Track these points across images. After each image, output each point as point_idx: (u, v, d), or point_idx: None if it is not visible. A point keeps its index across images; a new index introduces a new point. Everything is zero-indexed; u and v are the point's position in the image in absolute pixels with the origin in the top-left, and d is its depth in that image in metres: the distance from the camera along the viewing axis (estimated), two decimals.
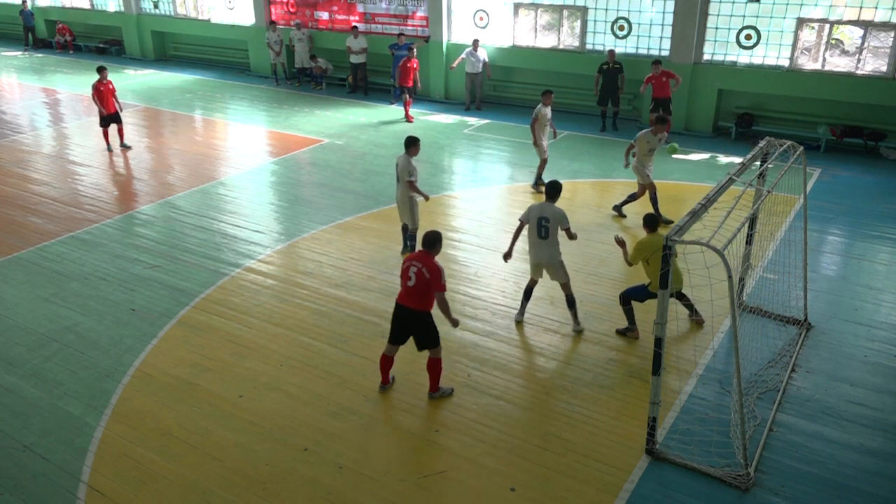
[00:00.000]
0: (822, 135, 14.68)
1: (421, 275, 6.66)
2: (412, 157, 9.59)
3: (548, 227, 7.83)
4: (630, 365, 7.53)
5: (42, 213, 11.81)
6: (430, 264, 6.67)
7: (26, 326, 8.44)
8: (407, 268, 6.78)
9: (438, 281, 6.66)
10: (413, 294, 6.75)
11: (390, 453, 6.36)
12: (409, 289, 6.77)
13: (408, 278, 6.76)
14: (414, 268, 6.72)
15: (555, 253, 7.97)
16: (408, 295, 6.80)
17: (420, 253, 6.82)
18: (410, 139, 9.63)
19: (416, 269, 6.70)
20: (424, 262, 6.69)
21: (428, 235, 6.83)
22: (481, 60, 17.57)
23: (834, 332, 8.13)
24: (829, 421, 6.69)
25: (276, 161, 14.50)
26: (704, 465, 6.08)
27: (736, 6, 14.98)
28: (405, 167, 9.56)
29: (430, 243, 6.79)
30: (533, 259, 8.13)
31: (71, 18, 27.34)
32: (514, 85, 18.50)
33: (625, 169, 11.52)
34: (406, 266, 6.80)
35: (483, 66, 17.64)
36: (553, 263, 8.01)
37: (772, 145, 7.49)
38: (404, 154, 9.63)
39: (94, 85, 14.58)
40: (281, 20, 21.51)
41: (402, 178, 9.63)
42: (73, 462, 6.31)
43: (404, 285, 6.82)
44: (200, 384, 7.32)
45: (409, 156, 9.58)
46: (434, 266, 6.66)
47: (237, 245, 10.53)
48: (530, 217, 7.94)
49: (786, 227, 10.42)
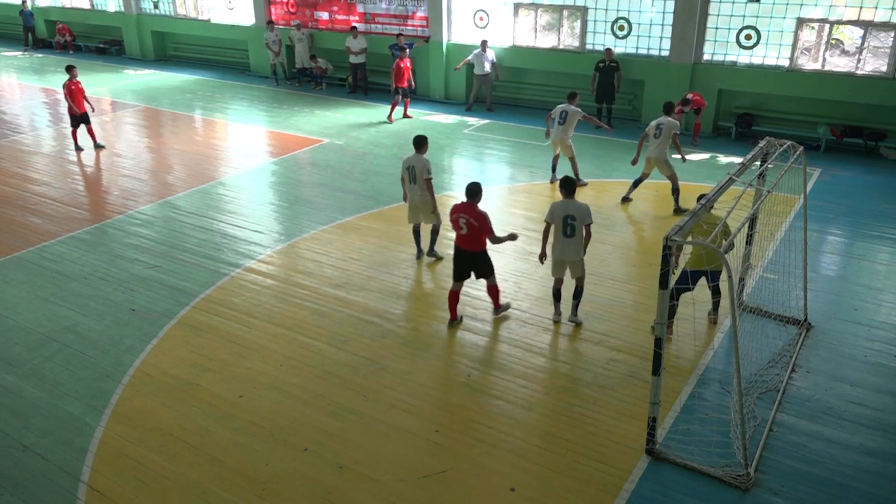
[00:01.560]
0: (822, 135, 14.69)
1: (470, 223, 7.82)
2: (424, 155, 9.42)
3: (574, 225, 7.94)
4: (630, 365, 7.53)
5: (42, 214, 11.81)
6: (475, 213, 7.81)
7: (26, 326, 8.44)
8: (456, 219, 7.92)
9: (485, 225, 7.81)
10: (467, 239, 7.94)
11: (390, 453, 6.36)
12: (462, 236, 7.96)
13: (459, 227, 7.92)
14: (462, 218, 7.85)
15: (579, 249, 8.09)
16: (463, 241, 7.98)
17: (464, 204, 7.92)
18: (422, 138, 9.45)
19: (465, 219, 7.84)
20: (470, 212, 7.83)
21: (471, 187, 7.91)
22: (490, 61, 17.47)
23: (834, 332, 8.13)
24: (829, 421, 6.69)
25: (276, 161, 14.51)
26: (704, 465, 6.08)
27: (736, 6, 14.99)
28: (423, 166, 9.32)
29: (473, 194, 7.90)
30: (558, 256, 8.17)
31: (71, 18, 27.35)
32: (513, 85, 18.49)
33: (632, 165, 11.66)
34: (455, 217, 7.93)
35: (492, 66, 17.54)
36: (577, 259, 8.14)
37: (772, 145, 7.49)
38: (416, 154, 9.39)
39: (66, 84, 14.57)
40: (281, 20, 21.52)
41: (420, 177, 9.32)
42: (73, 462, 6.31)
43: (458, 233, 7.96)
44: (200, 384, 7.32)
45: (422, 154, 9.41)
46: (479, 213, 7.80)
47: (237, 245, 10.53)
48: (555, 216, 8.01)
49: (786, 227, 10.42)
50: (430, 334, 8.19)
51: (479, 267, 8.12)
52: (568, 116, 12.21)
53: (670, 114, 11.39)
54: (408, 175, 9.47)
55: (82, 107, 14.77)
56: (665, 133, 11.16)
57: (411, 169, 9.40)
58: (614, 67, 15.83)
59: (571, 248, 8.05)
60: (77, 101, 14.65)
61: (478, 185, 7.94)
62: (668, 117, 11.28)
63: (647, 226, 11.28)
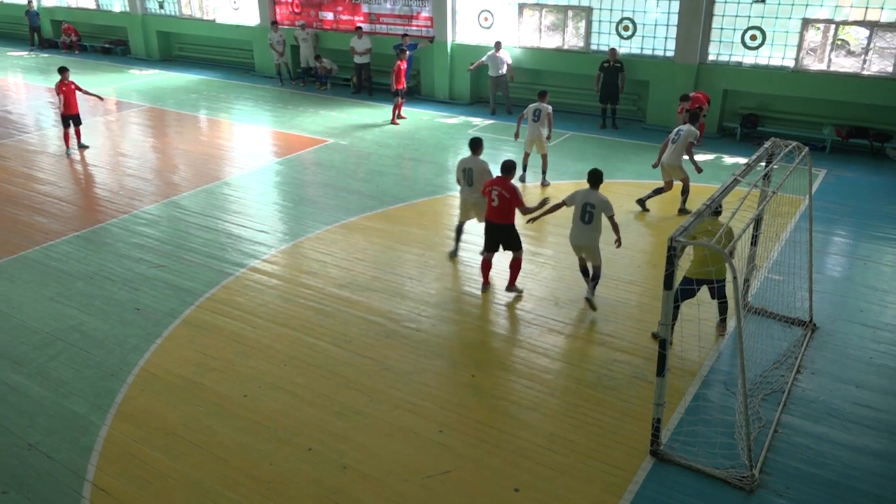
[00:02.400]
0: (828, 135, 14.65)
1: (502, 196, 8.40)
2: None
3: (592, 213, 8.24)
4: (634, 366, 7.52)
5: (47, 213, 11.84)
6: (507, 186, 8.41)
7: (32, 325, 8.46)
8: (489, 191, 8.50)
9: (517, 198, 8.43)
10: (498, 212, 8.52)
11: (394, 453, 6.36)
12: (494, 208, 8.53)
13: (492, 200, 8.49)
14: (495, 191, 8.45)
15: (595, 237, 8.39)
16: (494, 213, 8.55)
17: (498, 178, 8.54)
18: (478, 140, 9.42)
19: (497, 191, 8.44)
20: (503, 185, 8.43)
21: (506, 163, 8.54)
22: (505, 63, 17.36)
23: (839, 333, 8.11)
24: (835, 423, 6.67)
25: (281, 161, 14.52)
26: (709, 466, 6.07)
27: (741, 7, 14.96)
28: (483, 170, 9.24)
29: (507, 169, 8.52)
30: (573, 241, 8.54)
31: (76, 18, 27.43)
32: (519, 86, 18.45)
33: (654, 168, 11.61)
34: (488, 190, 8.53)
35: (507, 68, 17.42)
36: (592, 247, 8.43)
37: (777, 146, 7.47)
38: (473, 156, 9.38)
39: (58, 85, 14.53)
40: (286, 20, 21.54)
41: (478, 180, 9.19)
42: (78, 461, 6.33)
43: (490, 206, 8.56)
44: (205, 384, 7.34)
45: (478, 156, 9.40)
46: (511, 187, 8.42)
47: (242, 245, 10.55)
48: (576, 201, 8.33)
49: (791, 228, 10.39)
50: (435, 335, 8.19)
51: (507, 240, 8.69)
52: (541, 114, 12.38)
53: (694, 123, 11.32)
54: (464, 177, 9.42)
55: (75, 107, 14.76)
56: (682, 140, 11.09)
57: (467, 171, 9.36)
58: (618, 68, 15.81)
59: (586, 235, 8.36)
60: (71, 102, 14.62)
61: (512, 161, 8.60)
62: (690, 125, 11.22)
63: (652, 227, 11.26)
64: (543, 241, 10.21)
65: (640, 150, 14.84)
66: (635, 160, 14.20)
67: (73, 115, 14.82)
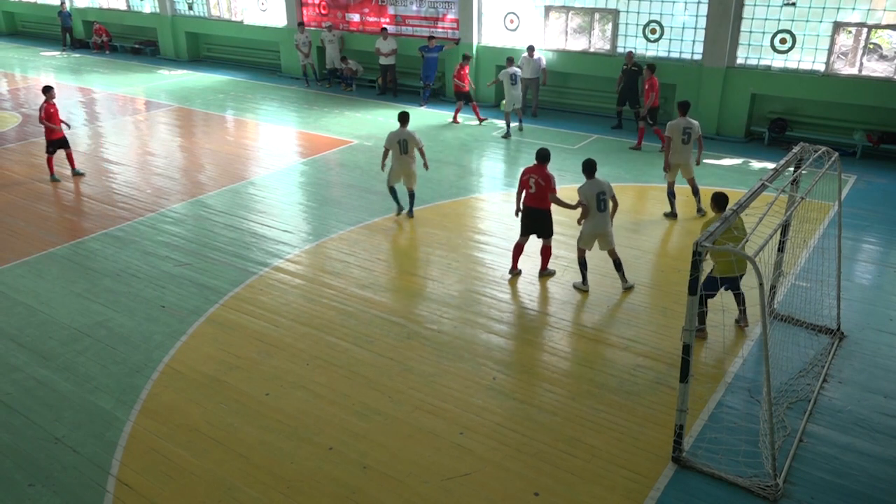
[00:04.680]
0: (859, 141, 14.41)
1: (538, 183, 8.94)
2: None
3: (605, 200, 8.79)
4: (657, 371, 7.46)
5: (77, 210, 12.03)
6: (544, 174, 8.98)
7: (60, 321, 8.60)
8: (526, 179, 9.02)
9: (550, 185, 8.97)
10: (535, 198, 9.04)
11: (414, 455, 6.36)
12: (532, 195, 9.04)
13: (528, 187, 9.02)
14: (532, 178, 8.99)
15: (610, 222, 8.93)
16: (533, 199, 9.05)
17: (535, 166, 9.04)
18: (406, 113, 11.19)
19: (535, 179, 8.97)
20: (539, 173, 8.98)
21: (541, 152, 9.05)
22: (540, 66, 17.21)
23: (868, 342, 7.97)
24: (862, 433, 6.55)
25: (306, 162, 14.62)
26: (732, 474, 5.99)
27: (771, 10, 14.77)
28: (414, 137, 11.03)
29: (544, 158, 9.04)
30: (592, 230, 8.88)
31: (107, 19, 27.86)
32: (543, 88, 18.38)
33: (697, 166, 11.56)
34: (525, 178, 9.03)
35: (542, 72, 17.30)
36: (609, 231, 8.92)
37: (806, 151, 7.36)
38: (403, 128, 10.99)
39: (43, 106, 13.27)
40: (312, 22, 21.69)
41: (411, 147, 10.99)
42: (103, 455, 6.42)
43: (527, 193, 9.06)
44: (228, 381, 7.40)
45: (406, 128, 11.02)
46: (546, 174, 8.99)
47: (266, 244, 10.63)
48: (589, 195, 8.75)
49: (819, 235, 10.24)
50: (456, 336, 8.19)
51: (542, 225, 9.18)
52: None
53: (687, 113, 11.26)
54: (399, 146, 10.96)
55: (61, 131, 13.51)
56: (694, 136, 11.08)
57: (403, 142, 10.96)
58: (636, 72, 15.63)
59: (604, 221, 8.84)
60: (55, 124, 13.38)
61: (547, 150, 9.14)
62: (690, 119, 11.19)
63: (676, 231, 11.16)
64: (565, 244, 10.15)
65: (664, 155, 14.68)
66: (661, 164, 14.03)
67: (61, 139, 13.51)
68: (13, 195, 12.76)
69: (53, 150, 13.53)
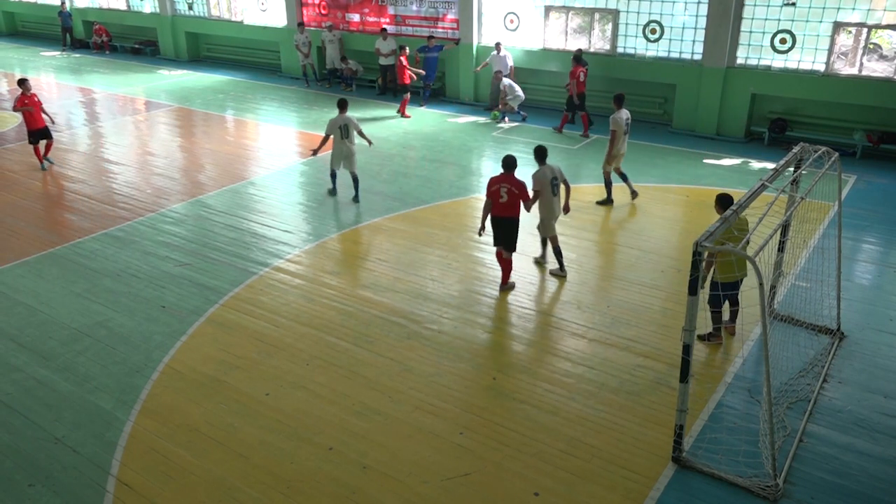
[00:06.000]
0: (858, 141, 14.41)
1: (511, 191, 8.69)
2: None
3: (558, 185, 9.11)
4: (657, 371, 7.46)
5: (77, 210, 12.03)
6: (515, 182, 8.70)
7: (60, 321, 8.61)
8: (497, 189, 8.70)
9: (524, 192, 8.73)
10: (506, 207, 8.77)
11: (414, 455, 6.36)
12: (502, 205, 8.76)
13: (500, 196, 8.72)
14: (504, 188, 8.68)
15: (559, 206, 9.26)
16: (502, 208, 8.79)
17: (503, 175, 8.75)
18: (345, 100, 12.00)
19: (507, 188, 8.67)
20: (510, 181, 8.70)
21: (508, 159, 8.78)
22: (507, 64, 17.41)
23: (867, 342, 7.97)
24: (862, 433, 6.55)
25: (306, 162, 14.61)
26: (732, 474, 5.99)
27: (771, 10, 14.77)
28: (354, 122, 11.87)
29: (511, 166, 8.77)
30: (550, 216, 9.19)
31: (107, 19, 27.87)
32: (543, 88, 18.40)
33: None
34: (496, 188, 8.71)
35: (509, 69, 17.46)
36: (557, 216, 9.29)
37: (806, 151, 7.36)
38: (343, 114, 11.83)
39: (19, 98, 13.60)
40: (313, 22, 21.69)
41: (352, 132, 11.83)
42: (103, 455, 6.42)
43: (497, 203, 8.76)
44: (228, 381, 7.41)
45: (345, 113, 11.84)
46: (519, 182, 8.73)
47: (266, 244, 10.63)
48: (544, 182, 8.98)
49: (819, 235, 10.24)
50: (457, 336, 8.19)
51: (509, 235, 8.93)
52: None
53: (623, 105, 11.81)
54: (340, 132, 11.78)
55: (41, 121, 13.87)
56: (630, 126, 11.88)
57: (344, 127, 11.75)
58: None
59: (559, 206, 9.25)
60: (36, 116, 13.74)
61: (514, 157, 8.88)
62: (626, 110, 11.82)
63: (676, 231, 11.16)
64: (566, 244, 10.15)
65: (665, 154, 14.72)
66: (661, 164, 14.08)
67: (41, 130, 13.93)
68: (13, 195, 12.76)
69: (35, 141, 14.08)
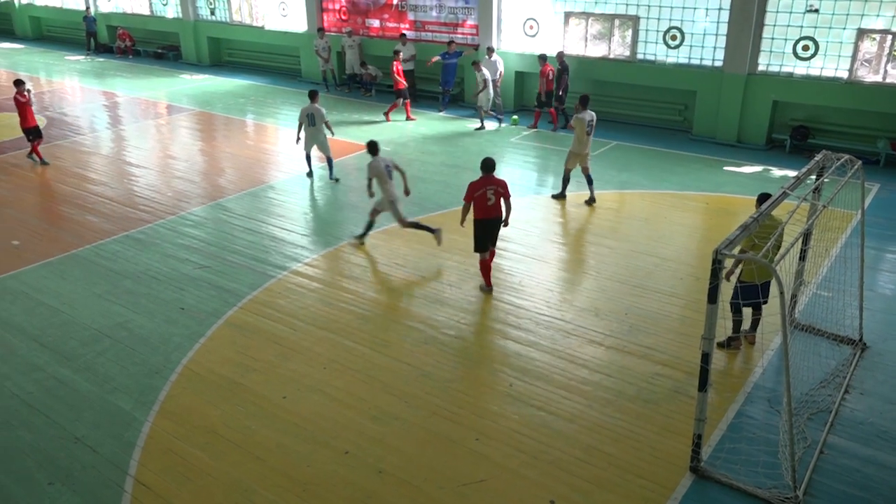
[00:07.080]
0: (882, 149, 14.23)
1: (497, 192, 8.89)
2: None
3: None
4: (675, 380, 7.40)
5: (99, 213, 12.18)
6: (500, 182, 8.95)
7: (81, 321, 8.70)
8: (483, 192, 8.85)
9: (507, 189, 8.97)
10: (494, 209, 8.97)
11: (430, 460, 6.36)
12: (489, 207, 8.92)
13: (487, 199, 8.87)
14: (490, 189, 8.86)
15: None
16: (489, 211, 8.94)
17: (486, 177, 8.89)
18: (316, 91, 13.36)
19: (493, 189, 8.87)
20: (495, 182, 8.90)
21: (488, 162, 8.96)
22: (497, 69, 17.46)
23: (890, 353, 7.85)
24: (884, 445, 6.46)
25: (324, 166, 14.66)
26: (751, 485, 5.92)
27: (793, 16, 14.65)
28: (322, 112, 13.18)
29: (492, 167, 8.94)
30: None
31: (131, 24, 28.24)
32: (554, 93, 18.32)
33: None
34: (482, 192, 8.85)
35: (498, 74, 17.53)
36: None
37: (828, 159, 7.29)
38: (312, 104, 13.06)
39: (15, 97, 14.25)
40: (333, 27, 21.82)
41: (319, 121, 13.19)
42: (122, 455, 6.47)
43: (484, 206, 8.89)
44: (245, 384, 7.45)
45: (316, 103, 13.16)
46: (502, 181, 8.98)
47: (284, 248, 10.69)
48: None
49: (842, 244, 10.12)
50: (474, 342, 8.18)
51: (495, 233, 9.12)
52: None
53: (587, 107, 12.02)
54: (308, 119, 13.07)
55: (33, 120, 14.49)
56: (592, 129, 12.07)
57: (311, 115, 13.05)
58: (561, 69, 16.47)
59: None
60: (29, 115, 14.33)
61: (493, 159, 9.04)
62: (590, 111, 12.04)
63: (695, 238, 11.08)
64: (583, 251, 10.11)
65: (685, 161, 14.64)
66: (681, 171, 14.00)
67: (33, 128, 14.52)
68: (37, 197, 12.94)
69: (32, 138, 14.63)
